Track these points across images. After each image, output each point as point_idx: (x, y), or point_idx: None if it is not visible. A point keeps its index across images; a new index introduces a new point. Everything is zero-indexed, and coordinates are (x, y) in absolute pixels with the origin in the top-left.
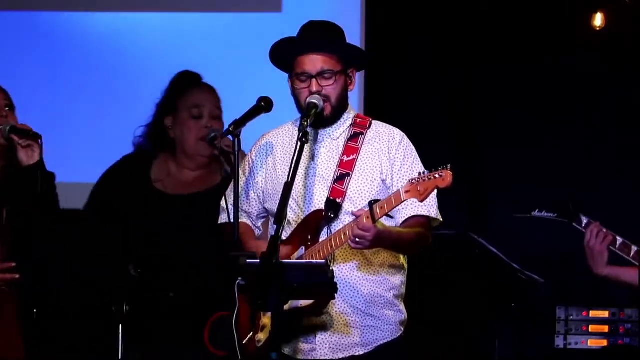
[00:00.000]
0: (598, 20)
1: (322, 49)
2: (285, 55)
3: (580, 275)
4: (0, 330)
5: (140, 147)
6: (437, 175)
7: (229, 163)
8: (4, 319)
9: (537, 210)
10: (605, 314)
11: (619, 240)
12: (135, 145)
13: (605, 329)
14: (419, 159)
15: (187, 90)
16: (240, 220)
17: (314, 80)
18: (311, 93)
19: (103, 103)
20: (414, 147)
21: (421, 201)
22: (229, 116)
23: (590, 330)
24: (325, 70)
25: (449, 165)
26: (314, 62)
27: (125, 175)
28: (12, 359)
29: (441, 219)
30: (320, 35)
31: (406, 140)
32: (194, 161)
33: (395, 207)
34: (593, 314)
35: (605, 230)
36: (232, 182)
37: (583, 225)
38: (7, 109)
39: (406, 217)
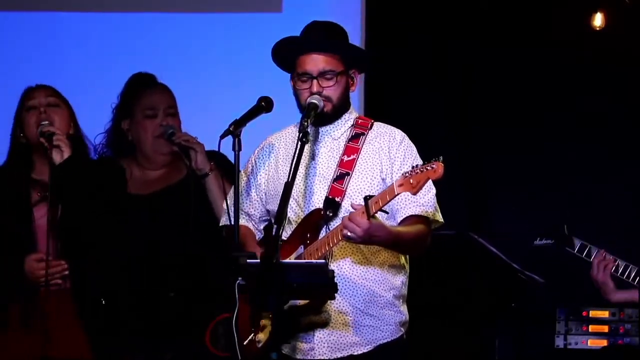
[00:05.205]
0: (598, 20)
1: (324, 49)
2: (287, 54)
3: (580, 275)
4: (64, 331)
5: (102, 154)
6: (428, 167)
7: (189, 158)
8: (66, 319)
9: (537, 239)
10: (605, 314)
11: (621, 265)
12: (97, 154)
13: (605, 329)
14: (419, 159)
15: (141, 92)
16: (240, 224)
17: (314, 81)
18: (312, 94)
19: (102, 103)
20: (414, 148)
21: (414, 194)
22: (229, 116)
23: (590, 330)
24: (327, 71)
25: (440, 157)
26: (315, 62)
27: None
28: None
29: (442, 220)
30: (322, 35)
31: (407, 140)
32: (154, 161)
33: (389, 201)
34: (593, 314)
35: (606, 258)
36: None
37: (576, 250)
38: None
39: (404, 216)
